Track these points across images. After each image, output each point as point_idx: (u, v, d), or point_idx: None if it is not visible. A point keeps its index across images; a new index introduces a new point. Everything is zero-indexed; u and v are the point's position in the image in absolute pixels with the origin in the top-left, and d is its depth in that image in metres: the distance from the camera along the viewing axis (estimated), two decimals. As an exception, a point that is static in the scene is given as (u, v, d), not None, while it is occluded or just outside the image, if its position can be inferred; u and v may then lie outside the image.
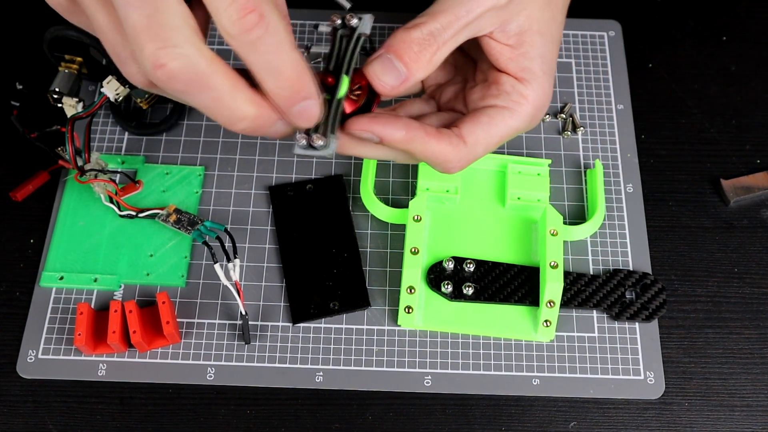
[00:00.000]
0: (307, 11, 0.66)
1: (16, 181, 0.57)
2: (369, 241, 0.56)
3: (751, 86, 0.64)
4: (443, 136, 0.45)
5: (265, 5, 0.37)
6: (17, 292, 0.54)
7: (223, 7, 0.37)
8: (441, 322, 0.53)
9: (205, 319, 0.53)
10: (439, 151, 0.45)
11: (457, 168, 0.46)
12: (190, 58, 0.37)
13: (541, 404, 0.51)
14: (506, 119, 0.46)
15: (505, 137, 0.47)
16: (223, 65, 0.39)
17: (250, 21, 0.37)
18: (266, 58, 0.39)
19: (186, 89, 0.39)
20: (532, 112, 0.47)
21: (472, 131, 0.46)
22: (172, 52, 0.37)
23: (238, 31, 0.37)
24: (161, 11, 0.37)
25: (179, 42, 0.37)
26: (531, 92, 0.47)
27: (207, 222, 0.54)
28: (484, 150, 0.46)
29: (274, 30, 0.38)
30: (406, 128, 0.44)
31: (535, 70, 0.46)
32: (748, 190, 0.58)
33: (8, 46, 0.64)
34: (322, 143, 0.42)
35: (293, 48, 0.39)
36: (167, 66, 0.37)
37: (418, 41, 0.44)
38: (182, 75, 0.38)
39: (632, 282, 0.54)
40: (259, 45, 0.38)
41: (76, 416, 0.50)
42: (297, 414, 0.51)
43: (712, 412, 0.51)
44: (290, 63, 0.39)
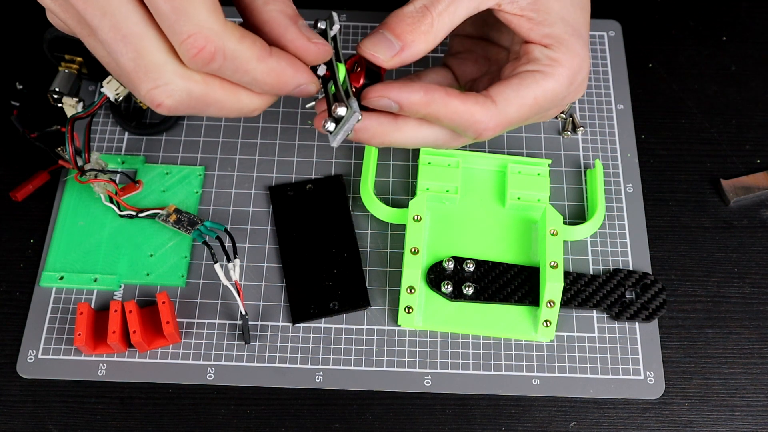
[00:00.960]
0: (308, 11, 0.66)
1: (16, 181, 0.57)
2: (369, 241, 0.56)
3: (751, 86, 0.64)
4: (468, 96, 0.44)
5: (220, 36, 0.38)
6: (17, 292, 0.54)
7: (177, 44, 0.38)
8: (441, 322, 0.53)
9: (205, 319, 0.53)
10: (465, 111, 0.44)
11: (491, 130, 0.45)
12: (182, 90, 0.39)
13: (541, 404, 0.51)
14: (539, 81, 0.45)
15: (542, 100, 0.45)
16: (216, 76, 0.40)
17: (204, 58, 0.38)
18: (236, 77, 0.40)
19: (190, 112, 0.41)
20: (568, 74, 0.46)
21: (501, 91, 0.45)
22: (164, 90, 0.39)
23: (197, 68, 0.39)
24: (143, 53, 0.38)
25: (168, 78, 0.39)
26: (561, 55, 0.45)
27: (207, 222, 0.54)
28: (517, 111, 0.45)
29: (233, 56, 0.39)
30: (423, 90, 0.43)
31: (559, 35, 0.45)
32: (748, 190, 0.58)
33: (8, 46, 0.64)
34: (343, 112, 0.42)
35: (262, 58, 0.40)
36: (164, 104, 0.39)
37: (411, 14, 0.44)
38: (180, 106, 0.40)
39: (632, 282, 0.54)
40: (222, 72, 0.39)
41: (76, 416, 0.50)
42: (297, 414, 0.51)
43: (712, 412, 0.51)
44: (264, 74, 0.40)
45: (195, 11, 0.37)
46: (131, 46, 0.38)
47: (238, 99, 0.41)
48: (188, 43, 0.37)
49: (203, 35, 0.37)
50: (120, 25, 0.38)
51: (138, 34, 0.38)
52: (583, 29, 0.47)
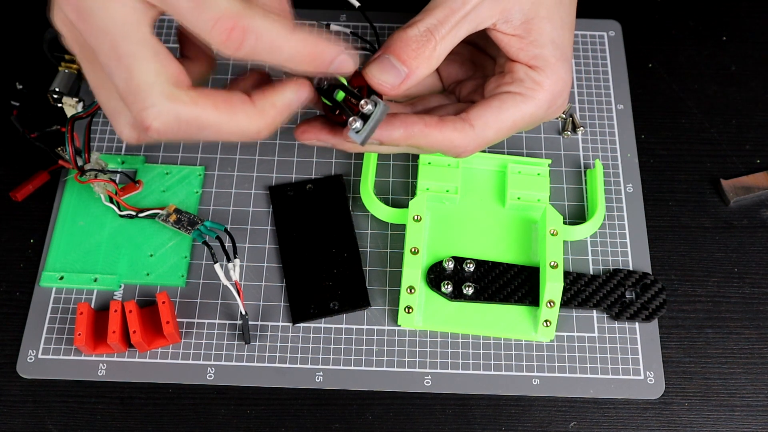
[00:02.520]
0: (308, 11, 0.66)
1: (16, 181, 0.57)
2: (369, 241, 0.56)
3: (751, 86, 0.64)
4: (446, 123, 0.45)
5: (245, 14, 0.38)
6: (17, 292, 0.54)
7: (207, 34, 0.38)
8: (441, 322, 0.53)
9: (205, 319, 0.53)
10: (443, 139, 0.45)
11: (468, 152, 0.46)
12: (169, 112, 0.39)
13: (541, 404, 0.51)
14: (519, 104, 0.46)
15: (520, 123, 0.46)
16: (209, 98, 0.40)
17: (236, 39, 0.38)
18: (273, 56, 0.39)
19: (182, 137, 0.40)
20: (549, 98, 0.47)
21: (481, 115, 0.46)
22: (151, 112, 0.38)
23: (231, 51, 0.38)
24: (134, 73, 0.38)
25: (155, 101, 0.38)
26: (545, 79, 0.46)
27: (207, 222, 0.54)
28: (495, 134, 0.46)
29: (265, 33, 0.38)
30: (403, 126, 0.44)
31: (547, 57, 0.46)
32: (748, 190, 0.58)
33: (8, 46, 0.64)
34: (372, 107, 0.42)
35: (293, 30, 0.39)
36: (151, 126, 0.39)
37: (416, 39, 0.44)
38: (170, 130, 0.39)
39: (632, 282, 0.54)
40: (258, 53, 0.39)
41: (76, 416, 0.50)
42: (297, 414, 0.51)
43: (712, 412, 0.51)
44: (298, 46, 0.39)
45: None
46: (125, 66, 0.38)
47: (235, 121, 0.40)
48: (217, 28, 0.37)
49: (229, 16, 0.37)
50: (118, 44, 0.38)
51: (132, 55, 0.38)
52: (568, 52, 0.48)
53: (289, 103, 0.42)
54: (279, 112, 0.42)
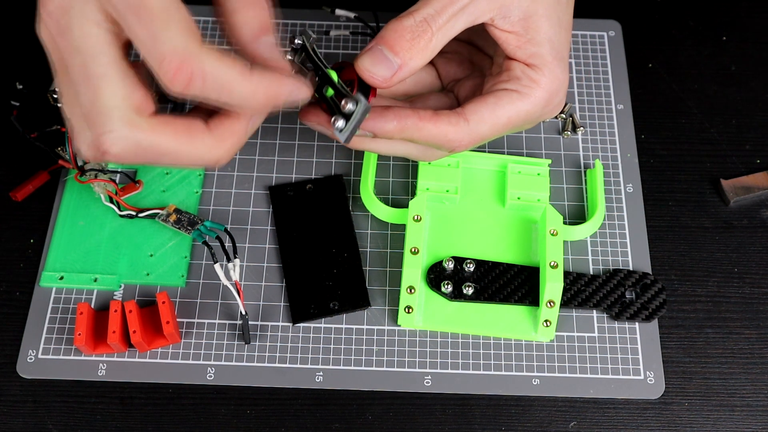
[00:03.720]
0: (308, 11, 0.66)
1: (16, 181, 0.57)
2: (369, 241, 0.56)
3: (751, 86, 0.64)
4: (440, 117, 0.45)
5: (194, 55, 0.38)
6: (17, 292, 0.54)
7: (155, 70, 0.38)
8: (441, 322, 0.53)
9: (205, 319, 0.53)
10: (438, 133, 0.45)
11: (463, 146, 0.46)
12: (127, 139, 0.39)
13: (541, 404, 0.51)
14: (515, 101, 0.46)
15: (515, 120, 0.46)
16: (168, 126, 0.39)
17: (181, 80, 0.38)
18: (223, 98, 0.39)
19: (140, 162, 0.40)
20: (545, 97, 0.46)
21: (476, 110, 0.45)
22: (109, 137, 0.38)
23: (178, 91, 0.38)
24: (99, 95, 0.38)
25: (114, 126, 0.38)
26: (541, 77, 0.46)
27: (207, 222, 0.54)
28: (490, 129, 0.46)
29: (214, 76, 0.38)
30: (396, 118, 0.44)
31: (544, 55, 0.46)
32: (748, 190, 0.58)
33: (8, 46, 0.64)
34: (353, 106, 0.42)
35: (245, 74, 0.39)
36: (109, 151, 0.39)
37: (411, 29, 0.43)
38: (127, 155, 0.39)
39: (632, 282, 0.54)
40: (206, 94, 0.39)
41: (76, 416, 0.50)
42: (297, 414, 0.51)
43: (712, 412, 0.51)
44: (250, 89, 0.39)
45: (170, 35, 0.37)
46: (91, 87, 0.38)
47: (193, 148, 0.40)
48: (164, 66, 0.37)
49: (178, 57, 0.37)
50: (87, 64, 0.38)
51: (100, 76, 0.38)
52: (565, 52, 0.48)
53: (246, 129, 0.42)
54: (238, 138, 0.42)
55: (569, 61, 0.61)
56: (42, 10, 0.39)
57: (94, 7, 0.38)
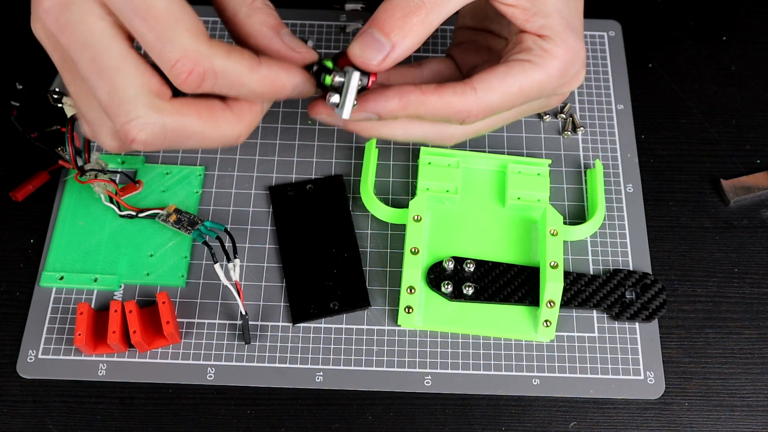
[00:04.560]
0: (309, 11, 0.66)
1: (16, 181, 0.57)
2: (369, 241, 0.56)
3: (751, 86, 0.64)
4: (445, 88, 0.43)
5: (205, 56, 0.38)
6: (17, 292, 0.54)
7: (167, 69, 0.38)
8: (441, 322, 0.53)
9: (205, 319, 0.53)
10: (443, 105, 0.43)
11: (473, 116, 0.44)
12: (154, 124, 0.39)
13: (541, 404, 0.51)
14: (527, 70, 0.44)
15: (528, 90, 0.44)
16: (192, 107, 0.40)
17: (195, 79, 0.38)
18: (233, 92, 0.40)
19: (167, 146, 0.40)
20: (560, 67, 0.44)
21: (484, 78, 0.44)
22: (136, 124, 0.39)
23: (190, 90, 0.39)
24: (117, 86, 0.38)
25: (140, 112, 0.39)
26: (554, 47, 0.44)
27: (207, 222, 0.54)
28: (501, 99, 0.44)
29: (225, 73, 0.39)
30: (398, 95, 0.43)
31: (554, 26, 0.44)
32: (748, 190, 0.58)
33: (8, 46, 0.64)
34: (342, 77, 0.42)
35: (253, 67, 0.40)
36: (137, 138, 0.39)
37: (402, 6, 0.41)
38: (155, 140, 0.39)
39: (632, 282, 0.54)
40: (218, 89, 0.39)
41: (76, 416, 0.50)
42: (297, 414, 0.51)
43: (712, 412, 0.51)
44: (259, 82, 0.40)
45: (178, 37, 0.38)
46: (107, 79, 0.38)
47: (217, 127, 0.41)
48: (176, 69, 0.38)
49: (189, 58, 0.38)
50: (98, 57, 0.38)
51: (114, 68, 0.38)
52: (576, 22, 0.46)
53: (261, 108, 0.42)
54: (255, 115, 0.42)
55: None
56: (38, 8, 0.39)
57: (94, 1, 0.38)
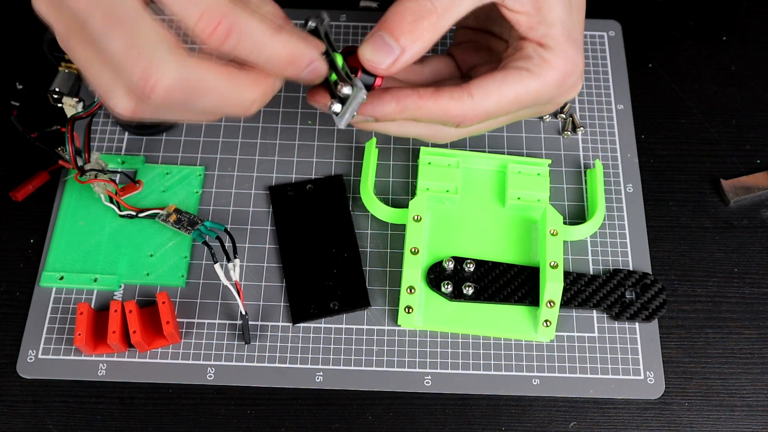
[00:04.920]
0: (310, 11, 0.66)
1: (16, 181, 0.57)
2: (369, 241, 0.56)
3: (751, 86, 0.64)
4: (442, 92, 0.44)
5: (232, 10, 0.38)
6: (17, 292, 0.54)
7: (192, 24, 0.38)
8: (441, 322, 0.53)
9: (205, 319, 0.53)
10: (439, 109, 0.44)
11: (469, 121, 0.44)
12: (178, 69, 0.38)
13: (541, 404, 0.51)
14: (524, 79, 0.44)
15: (524, 98, 0.45)
16: (212, 63, 0.39)
17: (221, 33, 0.38)
18: (253, 55, 0.39)
19: (186, 99, 0.39)
20: (557, 77, 0.45)
21: (481, 84, 0.44)
22: (159, 69, 0.38)
23: (214, 45, 0.38)
24: (138, 32, 0.38)
25: (162, 58, 0.38)
26: (554, 57, 0.45)
27: (207, 222, 0.54)
28: (496, 105, 0.44)
29: (248, 31, 0.38)
30: (395, 99, 0.43)
31: (556, 36, 0.45)
32: (748, 190, 0.58)
33: (8, 46, 0.64)
34: (348, 91, 0.42)
35: (276, 31, 0.39)
36: (160, 83, 0.38)
37: (413, 10, 0.42)
38: (177, 87, 0.38)
39: (632, 282, 0.54)
40: (239, 50, 0.39)
41: (76, 416, 0.50)
42: (297, 414, 0.51)
43: (712, 412, 0.51)
44: (279, 48, 0.39)
45: None
46: (125, 28, 0.37)
47: (237, 86, 0.40)
48: (203, 21, 0.37)
49: (217, 10, 0.37)
50: (113, 9, 0.38)
51: (132, 17, 0.38)
52: (578, 34, 0.47)
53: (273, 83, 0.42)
54: (268, 86, 0.41)
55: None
56: None
57: None
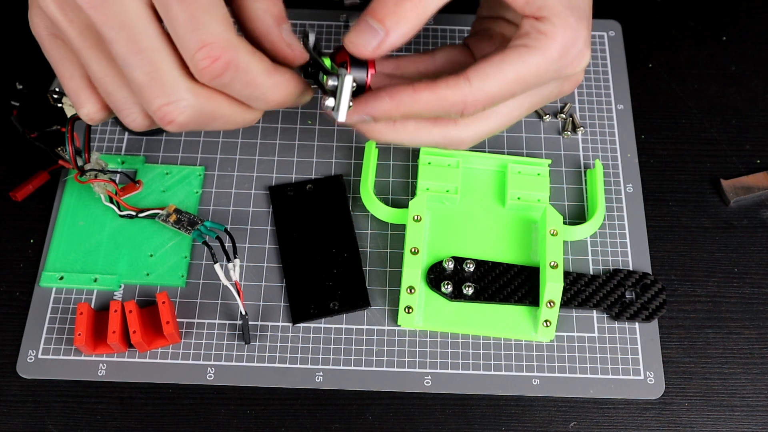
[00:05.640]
0: (308, 11, 0.66)
1: (16, 181, 0.57)
2: (369, 241, 0.56)
3: (751, 86, 0.64)
4: (438, 82, 0.43)
5: (233, 47, 0.38)
6: (17, 292, 0.54)
7: (191, 52, 0.38)
8: (441, 322, 0.53)
9: (205, 319, 0.53)
10: (437, 99, 0.43)
11: (471, 107, 0.43)
12: (193, 107, 0.40)
13: (541, 404, 0.51)
14: (522, 56, 0.43)
15: (526, 76, 0.43)
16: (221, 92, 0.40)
17: (217, 69, 0.38)
18: (242, 92, 0.40)
19: (198, 128, 0.41)
20: (557, 48, 0.43)
21: (479, 68, 0.43)
22: (176, 107, 0.39)
23: (207, 79, 0.39)
24: (159, 67, 0.39)
25: (181, 95, 0.39)
26: (550, 28, 0.43)
27: (207, 222, 0.54)
28: (498, 87, 0.43)
29: (245, 70, 0.39)
30: (389, 95, 0.43)
31: (552, 6, 0.43)
32: (748, 190, 0.58)
33: (8, 46, 0.64)
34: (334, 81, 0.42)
35: (271, 71, 0.40)
36: (176, 121, 0.40)
37: None
38: (191, 123, 0.40)
39: (632, 282, 0.54)
40: (229, 86, 0.40)
41: (76, 416, 0.50)
42: (297, 414, 0.51)
43: (712, 412, 0.51)
44: (272, 87, 0.41)
45: (210, 21, 0.38)
46: (147, 59, 0.38)
47: (242, 112, 0.42)
48: (202, 53, 0.38)
49: (219, 45, 0.38)
50: (137, 38, 0.38)
51: (154, 49, 0.38)
52: (580, 2, 0.45)
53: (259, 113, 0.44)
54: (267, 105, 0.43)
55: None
56: None
57: None
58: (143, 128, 0.43)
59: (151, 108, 0.40)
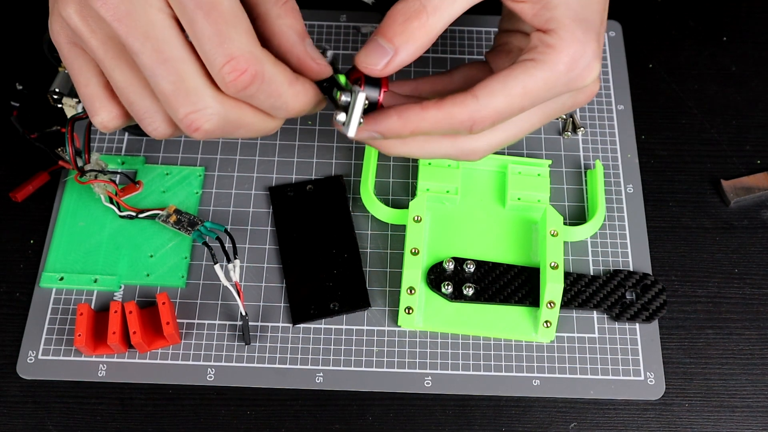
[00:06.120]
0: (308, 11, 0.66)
1: (16, 182, 0.57)
2: (369, 241, 0.56)
3: (751, 86, 0.64)
4: (445, 100, 0.43)
5: (258, 60, 0.39)
6: (17, 292, 0.54)
7: (218, 66, 0.39)
8: (441, 322, 0.53)
9: (205, 320, 0.53)
10: (444, 116, 0.43)
11: (479, 124, 0.43)
12: (219, 115, 0.40)
13: (541, 405, 0.51)
14: (529, 69, 0.43)
15: (534, 90, 0.43)
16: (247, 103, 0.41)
17: (244, 81, 0.39)
18: (265, 103, 0.41)
19: (223, 135, 0.42)
20: (565, 61, 0.43)
21: (486, 84, 0.43)
22: (203, 114, 0.40)
23: (233, 91, 0.39)
24: (184, 77, 0.39)
25: (207, 103, 0.40)
26: (557, 41, 0.43)
27: (207, 222, 0.54)
28: (505, 102, 0.43)
29: (269, 81, 0.40)
30: (396, 113, 0.43)
31: (560, 18, 0.43)
32: (748, 190, 0.58)
33: (8, 46, 0.64)
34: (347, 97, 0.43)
35: (293, 81, 0.41)
36: (202, 128, 0.40)
37: (403, 11, 0.42)
38: (217, 131, 0.41)
39: (632, 282, 0.54)
40: (254, 97, 0.40)
41: (76, 417, 0.50)
42: (297, 415, 0.51)
43: (713, 412, 0.51)
44: (293, 96, 0.41)
45: (235, 35, 0.38)
46: (172, 69, 0.39)
47: (264, 120, 0.42)
48: (230, 66, 0.38)
49: (245, 58, 0.38)
50: (162, 48, 0.39)
51: (179, 59, 0.39)
52: (591, 13, 0.44)
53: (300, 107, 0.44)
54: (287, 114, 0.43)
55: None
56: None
57: None
58: (165, 136, 0.43)
59: (177, 116, 0.40)
